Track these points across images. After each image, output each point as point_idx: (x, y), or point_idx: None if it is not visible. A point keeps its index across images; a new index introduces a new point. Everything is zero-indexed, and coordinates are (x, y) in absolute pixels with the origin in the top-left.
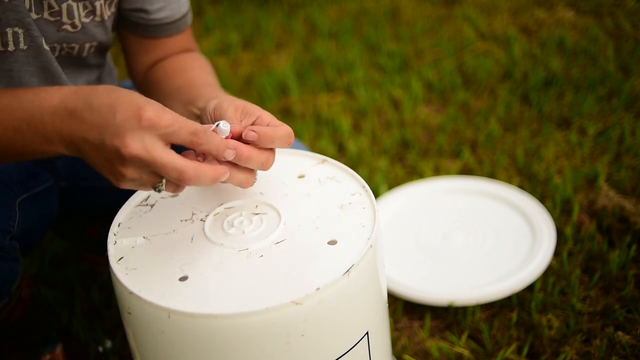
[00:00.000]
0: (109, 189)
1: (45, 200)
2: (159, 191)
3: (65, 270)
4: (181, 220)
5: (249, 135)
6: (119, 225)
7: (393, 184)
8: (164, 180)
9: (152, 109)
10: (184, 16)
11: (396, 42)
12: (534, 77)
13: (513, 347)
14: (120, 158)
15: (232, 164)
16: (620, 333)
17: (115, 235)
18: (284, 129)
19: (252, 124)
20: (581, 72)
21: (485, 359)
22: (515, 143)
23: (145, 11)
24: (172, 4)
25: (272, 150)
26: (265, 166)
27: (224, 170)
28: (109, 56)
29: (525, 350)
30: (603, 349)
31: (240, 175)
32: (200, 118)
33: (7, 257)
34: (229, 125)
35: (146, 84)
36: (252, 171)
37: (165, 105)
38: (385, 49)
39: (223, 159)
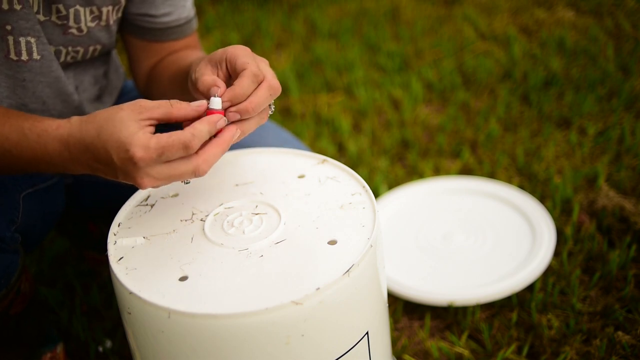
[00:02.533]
0: (113, 185)
1: (50, 197)
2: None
3: (65, 270)
4: (181, 220)
5: (230, 116)
6: (119, 225)
7: (393, 184)
8: None
9: (139, 147)
10: (190, 21)
11: (396, 42)
12: (534, 77)
13: (513, 347)
14: (140, 188)
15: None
16: (620, 333)
17: (115, 235)
18: (261, 92)
19: (234, 70)
20: (581, 72)
21: (485, 359)
22: (515, 143)
23: (151, 15)
24: (177, 10)
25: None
26: (274, 95)
27: (216, 118)
28: (116, 54)
29: (525, 350)
30: (603, 349)
31: (252, 123)
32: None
33: (8, 249)
34: (219, 100)
35: (149, 84)
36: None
37: (166, 95)
38: (385, 49)
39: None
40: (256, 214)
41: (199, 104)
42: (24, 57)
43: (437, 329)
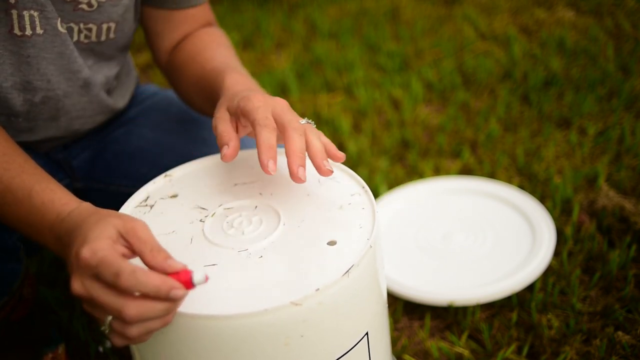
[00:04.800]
0: (120, 195)
1: None
2: (104, 331)
3: (65, 270)
4: (180, 221)
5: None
6: None
7: (393, 184)
8: (107, 321)
9: (89, 248)
10: None
11: (396, 42)
12: (534, 77)
13: (513, 347)
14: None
15: None
16: (620, 333)
17: None
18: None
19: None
20: (581, 72)
21: (485, 359)
22: (515, 143)
23: None
24: None
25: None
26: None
27: (169, 286)
28: (130, 57)
29: (525, 350)
30: (603, 349)
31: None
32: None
33: (10, 258)
34: (204, 277)
35: (170, 69)
36: None
37: (192, 100)
38: (385, 49)
39: (169, 299)
40: (256, 215)
41: (171, 270)
42: (28, 31)
43: (437, 329)
